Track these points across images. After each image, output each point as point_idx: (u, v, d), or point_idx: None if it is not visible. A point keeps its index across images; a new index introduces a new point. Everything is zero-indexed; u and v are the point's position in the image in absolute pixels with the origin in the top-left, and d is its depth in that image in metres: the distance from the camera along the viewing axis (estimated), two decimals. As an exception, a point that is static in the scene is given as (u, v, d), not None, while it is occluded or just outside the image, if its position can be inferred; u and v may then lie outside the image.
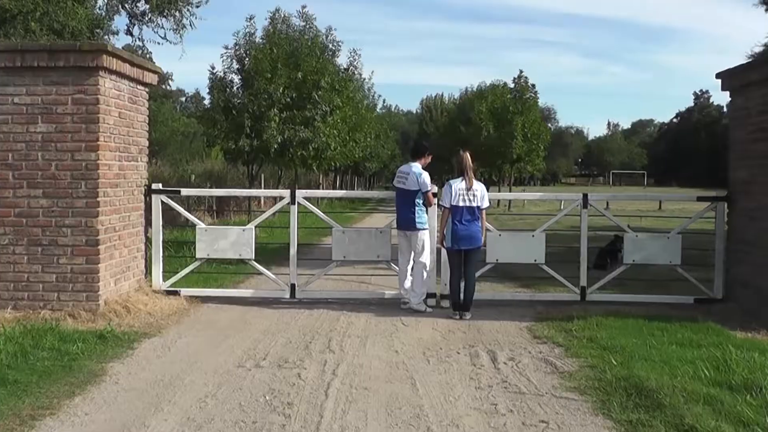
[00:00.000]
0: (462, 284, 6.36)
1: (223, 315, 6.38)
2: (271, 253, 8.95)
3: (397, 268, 6.85)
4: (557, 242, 10.27)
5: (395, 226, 6.82)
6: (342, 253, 6.95)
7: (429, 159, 6.83)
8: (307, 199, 7.13)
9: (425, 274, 6.66)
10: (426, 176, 6.67)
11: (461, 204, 6.32)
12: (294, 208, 6.92)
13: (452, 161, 7.14)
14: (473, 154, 6.71)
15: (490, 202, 6.55)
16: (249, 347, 5.17)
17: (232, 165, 22.55)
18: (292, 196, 6.96)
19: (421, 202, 6.65)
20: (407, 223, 6.67)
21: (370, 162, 37.33)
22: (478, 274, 6.91)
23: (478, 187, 6.52)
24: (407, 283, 6.74)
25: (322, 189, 28.50)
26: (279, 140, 14.97)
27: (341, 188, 35.75)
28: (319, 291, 7.19)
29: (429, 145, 7.13)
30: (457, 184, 6.53)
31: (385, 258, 6.95)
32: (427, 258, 6.68)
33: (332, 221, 7.23)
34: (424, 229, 6.66)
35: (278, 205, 7.20)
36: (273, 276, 7.08)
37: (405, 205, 6.68)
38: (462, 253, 6.33)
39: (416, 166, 6.68)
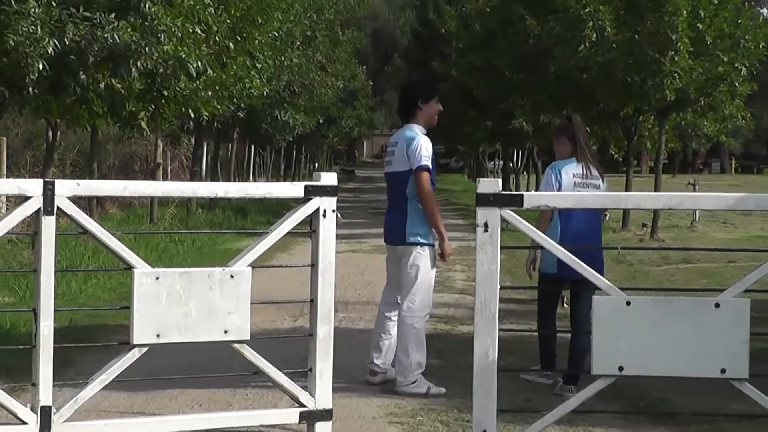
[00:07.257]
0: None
1: None
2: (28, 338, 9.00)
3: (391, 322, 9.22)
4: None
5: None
6: (153, 327, 7.56)
7: (436, 108, 8.82)
8: (79, 202, 6.93)
9: (419, 329, 8.85)
10: (423, 142, 8.74)
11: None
12: (49, 223, 7.27)
13: (552, 129, 8.50)
14: None
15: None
16: None
17: None
18: (47, 194, 7.28)
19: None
20: (393, 231, 9.11)
21: (291, 109, 37.21)
22: (579, 401, 7.14)
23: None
24: (383, 343, 9.07)
25: (163, 178, 28.57)
26: (50, 51, 15.07)
27: (215, 175, 35.23)
28: (114, 420, 7.85)
29: (430, 82, 9.19)
30: (572, 169, 8.93)
31: (239, 335, 7.67)
32: (422, 298, 8.94)
33: (131, 255, 7.55)
34: (419, 243, 8.86)
35: (13, 216, 7.28)
36: None
37: (393, 200, 9.17)
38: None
39: (411, 129, 8.74)
